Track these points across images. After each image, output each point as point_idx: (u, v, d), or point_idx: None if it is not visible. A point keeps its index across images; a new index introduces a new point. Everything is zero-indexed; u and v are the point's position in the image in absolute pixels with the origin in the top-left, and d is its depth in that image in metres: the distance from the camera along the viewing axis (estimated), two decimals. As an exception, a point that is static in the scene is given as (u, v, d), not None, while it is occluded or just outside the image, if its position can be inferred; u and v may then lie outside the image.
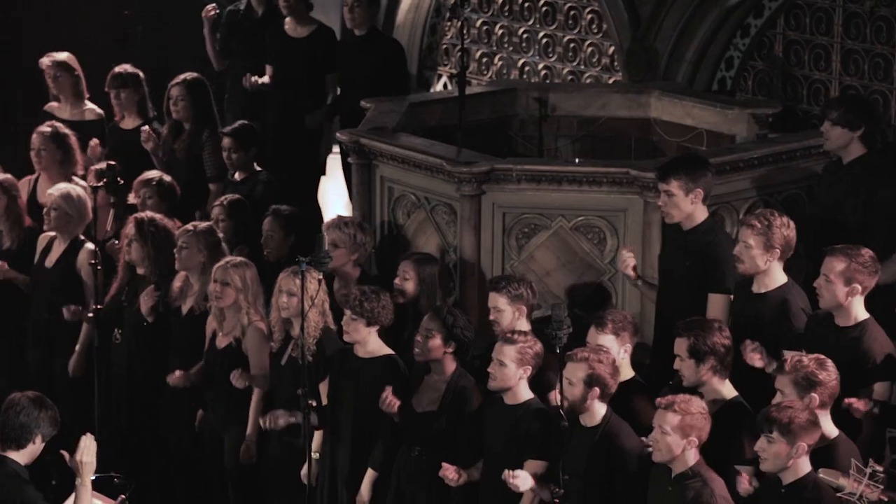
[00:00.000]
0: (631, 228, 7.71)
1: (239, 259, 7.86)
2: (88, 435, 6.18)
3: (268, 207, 8.54)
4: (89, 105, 9.90)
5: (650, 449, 6.25)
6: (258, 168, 9.30)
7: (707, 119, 8.60)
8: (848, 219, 7.54)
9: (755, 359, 6.64)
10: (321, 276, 7.21)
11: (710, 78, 9.41)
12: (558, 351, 6.22)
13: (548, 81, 10.17)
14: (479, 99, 8.92)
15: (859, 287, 6.58)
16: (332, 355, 7.37)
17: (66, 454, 6.16)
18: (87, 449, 6.13)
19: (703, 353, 6.47)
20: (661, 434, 6.16)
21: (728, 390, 6.53)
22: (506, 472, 6.50)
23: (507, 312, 7.11)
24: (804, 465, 5.93)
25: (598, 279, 7.80)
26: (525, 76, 10.38)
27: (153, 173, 8.96)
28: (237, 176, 9.28)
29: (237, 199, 8.70)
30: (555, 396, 6.56)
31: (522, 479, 6.50)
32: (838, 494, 5.69)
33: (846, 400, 6.31)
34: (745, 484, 6.14)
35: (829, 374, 6.19)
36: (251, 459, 7.73)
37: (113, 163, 8.51)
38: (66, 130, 9.21)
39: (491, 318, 7.15)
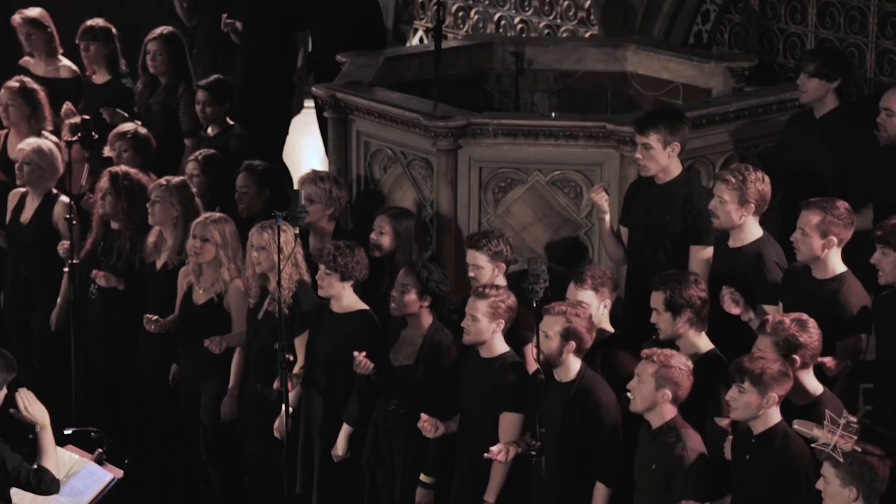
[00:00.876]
0: (607, 182, 7.71)
1: (218, 215, 7.86)
2: (21, 390, 6.23)
3: (242, 162, 8.53)
4: (64, 62, 9.86)
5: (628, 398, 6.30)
6: (232, 122, 9.28)
7: (683, 73, 8.60)
8: (823, 172, 7.56)
9: (732, 306, 6.66)
10: (296, 230, 7.22)
11: (686, 31, 9.41)
12: (535, 305, 6.23)
13: (524, 35, 10.16)
14: (455, 53, 8.90)
15: (835, 239, 6.61)
16: (309, 311, 7.38)
17: (13, 411, 6.21)
18: (28, 399, 6.17)
19: (679, 306, 6.50)
20: (637, 383, 6.20)
21: (704, 343, 6.57)
22: (491, 448, 6.55)
23: (487, 270, 7.13)
24: (774, 416, 5.98)
25: (574, 233, 7.81)
26: (501, 30, 10.36)
27: (128, 126, 8.94)
28: (211, 131, 9.26)
29: (211, 154, 8.68)
30: (531, 350, 6.58)
31: (500, 453, 6.55)
32: (813, 445, 5.74)
33: (819, 358, 6.35)
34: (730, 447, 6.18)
35: (811, 334, 6.22)
36: (233, 415, 7.75)
37: (87, 117, 8.47)
38: (35, 85, 9.17)
39: (470, 274, 7.17)
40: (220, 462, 7.88)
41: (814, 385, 6.22)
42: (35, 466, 6.17)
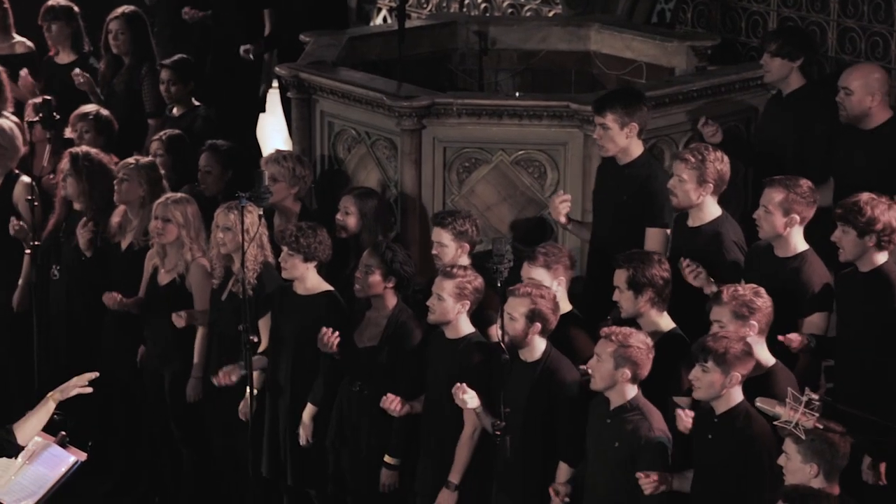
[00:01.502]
0: (571, 162, 7.75)
1: (180, 195, 7.85)
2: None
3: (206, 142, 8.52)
4: (18, 38, 9.79)
5: (587, 376, 6.32)
6: (197, 103, 9.25)
7: (646, 52, 8.63)
8: (785, 150, 7.61)
9: (690, 277, 6.69)
10: (261, 212, 7.21)
11: (649, 10, 9.42)
12: (499, 285, 6.25)
13: (487, 15, 10.16)
14: (418, 32, 8.90)
15: (798, 217, 6.65)
16: (273, 292, 7.38)
17: None
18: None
19: (641, 285, 6.53)
20: (596, 361, 6.24)
21: (666, 322, 6.60)
22: (456, 385, 6.54)
23: (451, 248, 7.14)
24: (737, 395, 6.02)
25: (538, 213, 7.84)
26: (465, 10, 10.36)
27: (90, 107, 8.91)
28: (175, 111, 9.24)
29: (176, 135, 8.67)
30: (496, 331, 6.60)
31: (471, 397, 6.54)
32: (775, 423, 5.79)
33: (780, 336, 6.39)
34: (684, 421, 6.21)
35: (765, 300, 6.29)
36: (198, 396, 7.75)
37: (49, 97, 8.44)
38: None
39: (434, 252, 7.19)
40: (194, 441, 7.88)
41: (766, 356, 6.27)
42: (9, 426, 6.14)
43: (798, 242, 6.70)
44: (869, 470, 6.41)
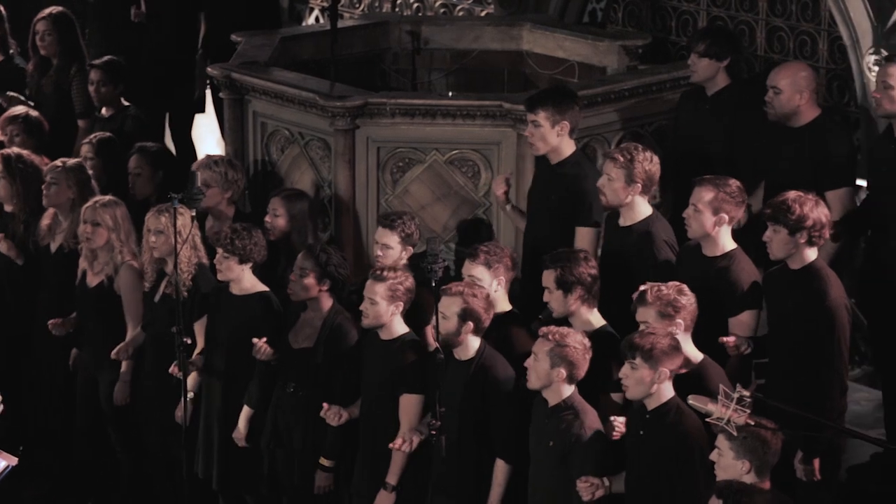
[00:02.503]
0: (505, 161, 7.81)
1: (108, 198, 7.86)
2: None
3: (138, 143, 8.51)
4: None
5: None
6: (126, 104, 9.23)
7: (578, 51, 8.70)
8: (713, 149, 7.69)
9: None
10: (193, 214, 7.22)
11: (580, 10, 9.49)
12: (434, 285, 6.29)
13: (420, 14, 10.19)
14: (351, 32, 8.93)
15: (726, 217, 6.74)
16: (208, 294, 7.39)
17: None
18: None
19: (570, 284, 6.59)
20: (533, 361, 6.29)
21: (596, 319, 6.67)
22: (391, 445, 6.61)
23: (396, 251, 7.17)
24: (667, 391, 6.10)
25: (473, 213, 7.89)
26: (397, 9, 10.39)
27: (19, 109, 8.88)
28: (105, 112, 9.22)
29: (106, 138, 8.66)
30: (431, 331, 6.64)
31: (404, 445, 6.61)
32: (707, 419, 5.84)
33: (720, 339, 6.47)
34: (616, 430, 6.27)
35: (689, 298, 6.37)
36: (125, 400, 7.74)
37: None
38: None
39: (377, 253, 7.20)
40: (132, 446, 7.87)
41: (694, 352, 6.35)
42: None
43: (726, 242, 6.78)
44: (802, 466, 6.51)
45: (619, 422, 6.27)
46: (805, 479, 6.53)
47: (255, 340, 7.06)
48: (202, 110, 10.51)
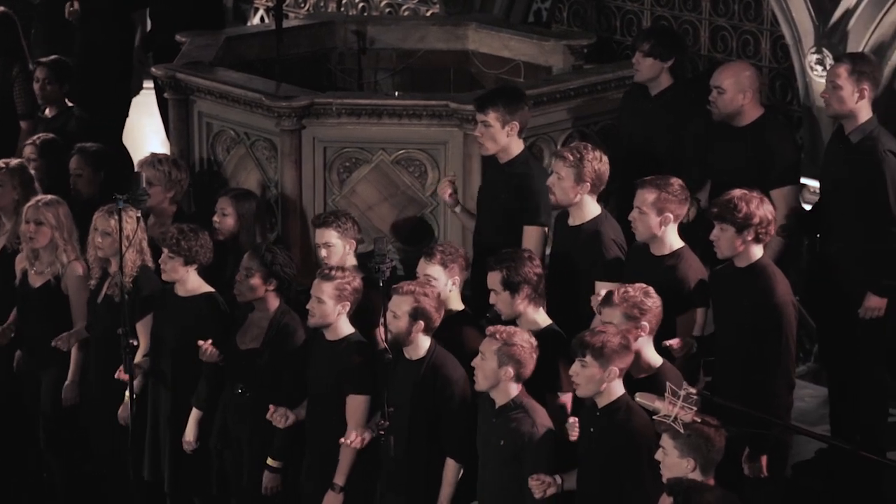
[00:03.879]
0: (451, 161, 7.85)
1: (50, 197, 7.84)
2: None
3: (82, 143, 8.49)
4: None
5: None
6: (70, 104, 9.19)
7: (524, 51, 8.75)
8: (658, 149, 7.76)
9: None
10: (139, 214, 7.20)
11: (525, 10, 9.55)
12: (381, 284, 6.31)
13: (365, 14, 10.21)
14: (296, 32, 8.94)
15: (671, 216, 6.79)
16: (151, 295, 7.38)
17: None
18: None
19: (516, 284, 6.62)
20: (480, 360, 6.32)
21: (542, 318, 6.70)
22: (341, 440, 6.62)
23: (338, 247, 7.19)
24: (618, 389, 6.14)
25: (420, 212, 7.92)
26: (342, 9, 10.40)
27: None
28: (49, 112, 9.18)
29: (50, 139, 8.64)
30: (380, 331, 6.65)
31: (354, 441, 6.64)
32: (654, 417, 5.88)
33: (664, 342, 6.53)
34: (572, 433, 6.31)
35: (655, 300, 6.42)
36: (74, 400, 7.71)
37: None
38: None
39: (322, 254, 7.21)
40: (62, 451, 7.84)
41: (653, 357, 6.40)
42: None
43: (673, 240, 6.84)
44: (749, 463, 6.58)
45: (573, 421, 6.31)
46: (752, 476, 6.59)
47: (200, 343, 7.06)
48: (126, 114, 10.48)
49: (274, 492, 7.07)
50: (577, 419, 6.32)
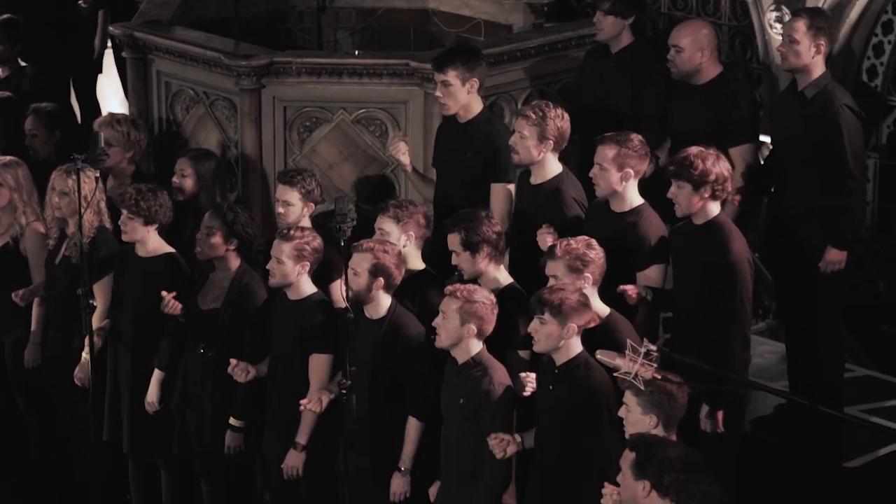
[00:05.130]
0: (412, 120, 7.90)
1: (8, 158, 7.86)
2: None
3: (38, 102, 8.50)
4: None
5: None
6: (23, 63, 9.19)
7: (484, 9, 8.79)
8: (619, 107, 7.84)
9: (547, 240, 6.90)
10: (97, 174, 7.24)
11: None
12: (343, 244, 6.38)
13: (325, -28, 10.22)
14: (255, -10, 8.95)
15: (632, 172, 6.88)
16: (110, 256, 7.43)
17: None
18: None
19: (476, 244, 6.71)
20: (441, 319, 6.41)
21: (503, 277, 6.80)
22: (302, 402, 6.69)
23: (297, 207, 7.24)
24: (576, 346, 6.24)
25: (381, 171, 7.97)
26: (301, -33, 10.41)
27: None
28: (1, 72, 9.17)
29: (4, 98, 8.64)
30: (340, 289, 6.72)
31: (313, 403, 6.71)
32: (615, 374, 5.98)
33: (620, 287, 6.63)
34: (526, 386, 6.41)
35: (598, 252, 6.52)
36: (36, 363, 7.77)
37: None
38: None
39: (279, 210, 7.27)
40: (37, 410, 7.89)
41: (600, 306, 6.50)
42: None
43: (633, 197, 6.94)
44: (707, 419, 6.70)
45: (530, 378, 6.42)
46: (709, 432, 6.71)
47: (163, 294, 7.10)
48: (101, 70, 10.48)
49: (236, 451, 7.14)
50: (528, 374, 6.42)
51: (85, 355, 7.32)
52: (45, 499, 7.97)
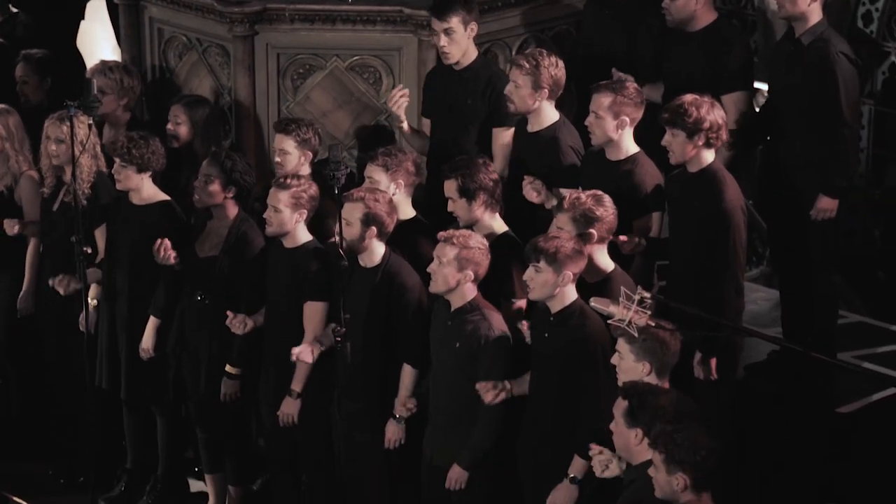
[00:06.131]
0: (406, 67, 7.90)
1: (0, 106, 7.85)
2: None
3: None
4: None
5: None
6: (15, 10, 9.19)
7: (478, -46, 8.76)
8: (615, 53, 7.86)
9: (533, 195, 6.95)
10: (91, 120, 7.27)
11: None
12: (337, 192, 6.42)
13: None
14: (247, -65, 8.91)
15: (627, 119, 6.92)
16: (108, 203, 7.47)
17: None
18: None
19: (472, 191, 6.76)
20: (437, 265, 6.46)
21: (499, 224, 6.85)
22: (300, 350, 6.75)
23: (294, 156, 7.28)
24: (571, 294, 6.31)
25: (375, 119, 7.99)
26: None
27: None
28: (-8, 19, 9.20)
29: (-1, 45, 8.65)
30: (334, 238, 6.77)
31: (304, 353, 6.75)
32: (609, 322, 6.03)
33: (612, 238, 6.67)
34: (524, 330, 6.47)
35: (607, 209, 6.56)
36: (30, 310, 7.82)
37: None
38: None
39: (276, 159, 7.31)
40: (19, 358, 7.95)
41: (605, 262, 6.56)
42: None
43: (629, 145, 6.98)
44: (700, 366, 6.77)
45: (525, 326, 6.48)
46: (703, 379, 6.79)
47: (158, 242, 7.13)
48: (83, 17, 10.45)
49: (233, 398, 7.22)
50: (527, 322, 6.48)
51: (91, 300, 7.37)
52: (34, 449, 8.02)
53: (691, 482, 5.30)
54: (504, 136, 7.39)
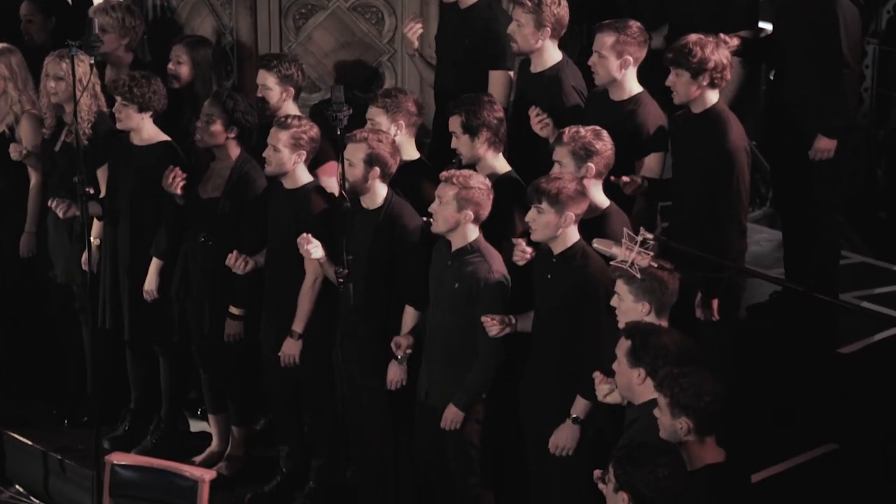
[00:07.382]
0: (409, 7, 7.87)
1: (2, 45, 7.87)
2: None
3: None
4: None
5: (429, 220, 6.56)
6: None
7: None
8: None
9: (540, 128, 6.93)
10: (92, 61, 7.25)
11: None
12: (339, 133, 6.42)
13: None
14: None
15: (630, 59, 6.91)
16: (110, 142, 7.46)
17: None
18: None
19: (476, 128, 6.76)
20: (438, 205, 6.47)
21: (501, 165, 6.85)
22: (301, 236, 6.73)
23: (275, 92, 7.28)
24: (573, 234, 6.32)
25: (377, 60, 7.98)
26: None
27: None
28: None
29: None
30: (336, 178, 6.77)
31: (315, 247, 6.74)
32: (611, 263, 6.06)
33: (612, 178, 6.67)
34: (520, 251, 6.47)
35: (605, 143, 6.56)
36: (31, 252, 7.84)
37: None
38: None
39: (258, 94, 7.30)
40: (22, 295, 7.98)
41: (601, 198, 6.56)
42: None
43: (632, 85, 6.97)
44: (701, 307, 6.79)
45: (528, 250, 6.45)
46: (704, 320, 6.81)
47: (167, 175, 7.10)
48: None
49: (236, 339, 7.25)
50: (521, 241, 6.47)
51: (94, 240, 7.38)
52: (38, 388, 8.06)
53: (695, 426, 5.34)
54: (500, 78, 7.37)
